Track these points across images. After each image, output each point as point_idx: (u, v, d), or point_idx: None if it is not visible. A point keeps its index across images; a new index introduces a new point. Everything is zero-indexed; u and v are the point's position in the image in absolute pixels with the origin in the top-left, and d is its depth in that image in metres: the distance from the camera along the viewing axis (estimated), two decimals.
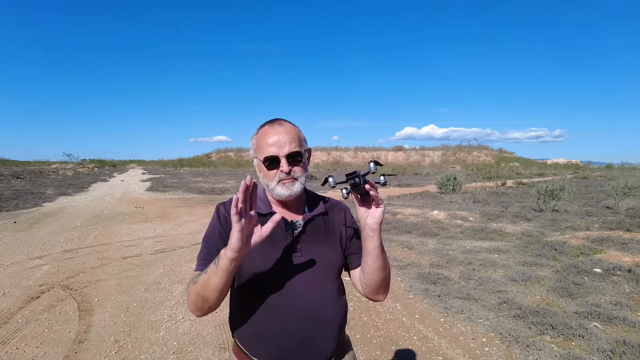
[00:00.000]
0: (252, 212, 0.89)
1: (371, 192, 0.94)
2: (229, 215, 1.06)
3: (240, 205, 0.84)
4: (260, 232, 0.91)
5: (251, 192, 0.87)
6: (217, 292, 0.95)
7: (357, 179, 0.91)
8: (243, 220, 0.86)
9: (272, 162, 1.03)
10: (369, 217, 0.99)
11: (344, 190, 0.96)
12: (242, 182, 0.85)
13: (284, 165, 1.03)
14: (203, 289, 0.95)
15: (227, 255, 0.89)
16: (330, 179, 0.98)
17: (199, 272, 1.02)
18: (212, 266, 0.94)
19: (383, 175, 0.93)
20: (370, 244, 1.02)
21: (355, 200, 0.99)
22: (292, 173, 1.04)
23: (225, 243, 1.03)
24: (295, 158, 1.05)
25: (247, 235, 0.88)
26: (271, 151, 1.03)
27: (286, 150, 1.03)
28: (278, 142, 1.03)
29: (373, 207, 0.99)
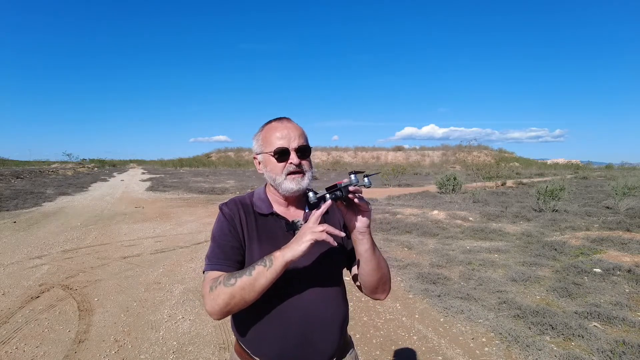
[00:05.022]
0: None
1: (355, 201, 0.94)
2: (235, 215, 1.08)
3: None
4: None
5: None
6: (260, 293, 0.95)
7: (338, 193, 0.91)
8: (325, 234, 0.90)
9: (281, 155, 1.03)
10: (356, 222, 0.98)
11: (328, 196, 0.94)
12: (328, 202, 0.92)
13: (293, 157, 1.03)
14: (244, 290, 0.94)
15: (285, 257, 0.91)
16: (311, 194, 0.96)
17: (221, 273, 1.00)
18: (259, 268, 0.93)
19: (366, 176, 0.92)
20: (360, 247, 1.02)
21: (340, 207, 0.98)
22: (301, 166, 1.05)
23: (236, 240, 1.05)
24: (304, 152, 1.06)
25: None
26: (281, 144, 1.03)
27: (296, 143, 1.04)
28: (288, 135, 1.04)
29: (360, 211, 0.98)
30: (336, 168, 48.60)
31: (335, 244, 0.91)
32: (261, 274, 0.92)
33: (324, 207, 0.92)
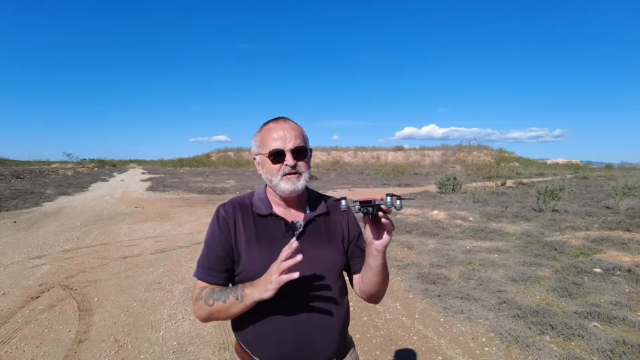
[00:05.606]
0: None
1: (383, 220, 0.93)
2: (229, 218, 1.08)
3: (286, 270, 0.89)
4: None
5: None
6: (233, 317, 1.01)
7: (370, 209, 0.91)
8: (286, 278, 0.89)
9: (277, 156, 1.03)
10: (377, 239, 0.99)
11: (357, 207, 0.94)
12: (291, 249, 0.89)
13: (289, 159, 1.03)
14: (220, 313, 1.00)
15: (254, 298, 0.93)
16: (343, 202, 0.96)
17: (205, 286, 1.05)
18: (232, 298, 0.97)
19: (400, 199, 0.91)
20: (373, 262, 1.03)
21: (366, 221, 0.99)
22: (297, 167, 1.04)
23: (224, 249, 1.05)
24: (300, 153, 1.05)
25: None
26: (277, 145, 1.03)
27: (292, 144, 1.04)
28: (284, 136, 1.04)
29: (383, 230, 0.97)
30: (336, 168, 48.59)
31: (297, 275, 0.89)
32: (234, 305, 0.97)
33: (290, 261, 0.88)
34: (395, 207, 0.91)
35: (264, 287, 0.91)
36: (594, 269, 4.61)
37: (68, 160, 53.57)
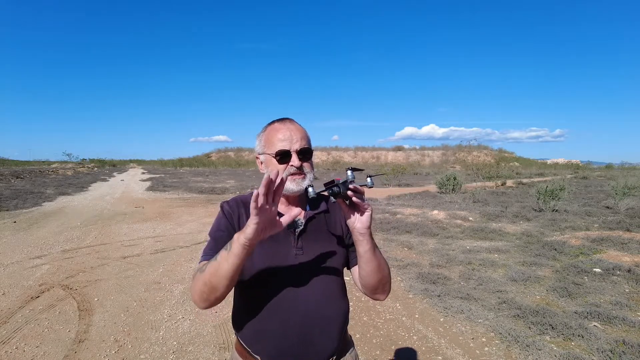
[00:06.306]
0: (274, 208, 0.88)
1: (353, 199, 0.92)
2: (234, 212, 1.09)
3: (261, 200, 0.82)
4: (280, 223, 0.90)
5: (278, 186, 0.85)
6: (226, 279, 0.93)
7: (335, 188, 0.90)
8: (262, 214, 0.85)
9: (283, 157, 1.04)
10: (356, 222, 0.98)
11: (331, 196, 0.93)
12: (266, 176, 0.83)
13: (295, 160, 1.04)
14: (212, 276, 0.94)
15: (240, 240, 0.89)
16: (310, 189, 0.96)
17: (205, 261, 1.01)
18: (222, 252, 0.93)
19: (369, 177, 0.91)
20: (360, 248, 1.02)
21: (341, 206, 0.98)
22: (302, 168, 1.05)
23: (231, 236, 1.04)
24: (305, 154, 1.06)
25: (263, 227, 0.87)
26: (283, 145, 1.04)
27: (298, 145, 1.05)
28: (290, 137, 1.05)
29: (360, 211, 0.97)
30: (336, 168, 48.60)
31: (262, 191, 0.83)
32: (224, 259, 0.92)
33: (262, 188, 0.83)
34: (366, 185, 0.90)
35: (246, 226, 0.88)
36: (594, 269, 4.61)
37: (68, 160, 53.70)
